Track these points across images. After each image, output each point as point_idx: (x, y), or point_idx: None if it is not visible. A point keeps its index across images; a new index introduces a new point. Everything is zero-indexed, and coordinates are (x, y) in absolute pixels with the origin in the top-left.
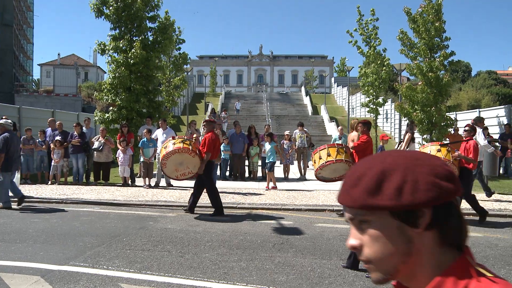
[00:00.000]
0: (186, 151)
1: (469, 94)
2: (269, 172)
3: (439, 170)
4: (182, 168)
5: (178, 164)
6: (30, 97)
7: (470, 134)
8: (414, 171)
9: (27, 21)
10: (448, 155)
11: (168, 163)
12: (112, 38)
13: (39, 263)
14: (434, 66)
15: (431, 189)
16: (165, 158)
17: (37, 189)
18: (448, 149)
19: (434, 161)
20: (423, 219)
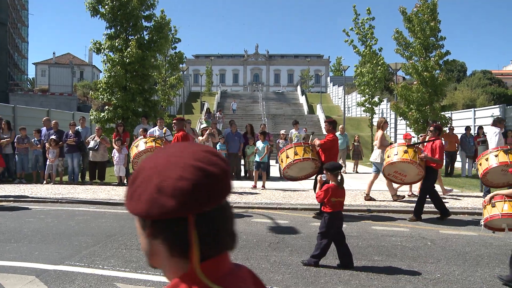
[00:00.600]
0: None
1: (464, 94)
2: (257, 170)
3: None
4: None
5: None
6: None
7: (435, 134)
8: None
9: (21, 19)
10: (415, 156)
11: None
12: (108, 37)
13: (34, 263)
14: (429, 66)
15: (147, 203)
16: (137, 157)
17: (32, 188)
18: (414, 149)
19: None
20: (147, 228)
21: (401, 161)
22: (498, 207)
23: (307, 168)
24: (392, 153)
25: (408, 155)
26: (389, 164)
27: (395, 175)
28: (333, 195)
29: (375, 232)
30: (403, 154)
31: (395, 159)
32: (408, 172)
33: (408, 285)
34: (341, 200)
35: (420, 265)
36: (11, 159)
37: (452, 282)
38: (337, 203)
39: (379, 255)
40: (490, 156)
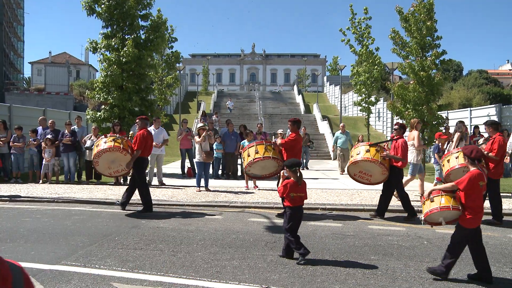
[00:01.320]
0: (117, 149)
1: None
2: None
3: None
4: (114, 166)
5: (111, 162)
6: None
7: (400, 133)
8: None
9: (17, 18)
10: (376, 155)
11: (100, 161)
12: (104, 36)
13: (30, 263)
14: (426, 65)
15: None
16: (97, 156)
17: (28, 188)
18: (377, 149)
19: None
20: None
21: (363, 160)
22: (436, 202)
23: (269, 167)
24: (355, 153)
25: (370, 154)
26: (352, 164)
27: (361, 175)
28: (292, 191)
29: (372, 231)
30: (365, 153)
31: (358, 158)
32: (373, 172)
33: (404, 284)
34: (301, 195)
35: (416, 264)
36: (7, 158)
37: (448, 281)
38: (296, 198)
39: (375, 254)
40: (451, 157)
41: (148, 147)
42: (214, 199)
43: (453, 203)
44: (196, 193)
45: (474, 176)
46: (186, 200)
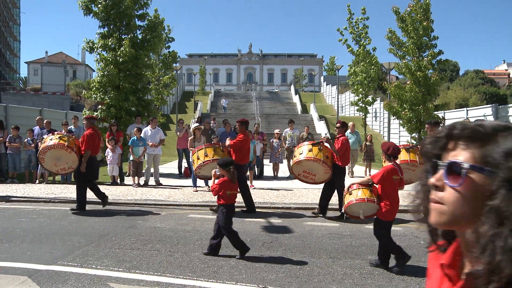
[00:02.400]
0: (61, 147)
1: (457, 93)
2: (250, 170)
3: None
4: (61, 163)
5: (56, 159)
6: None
7: (342, 131)
8: None
9: (13, 18)
10: (319, 154)
11: (46, 158)
12: (101, 36)
13: (27, 263)
14: (422, 65)
15: None
16: (42, 153)
17: (24, 188)
18: (319, 148)
19: None
20: None
21: (306, 160)
22: (354, 194)
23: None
24: (298, 153)
25: (312, 153)
26: (296, 163)
27: (305, 174)
28: (228, 188)
29: (369, 231)
30: (308, 152)
31: (301, 158)
32: (316, 171)
33: (401, 284)
34: (235, 193)
35: (413, 264)
36: (3, 158)
37: None
38: (232, 196)
39: (372, 254)
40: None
41: (96, 146)
42: (211, 199)
43: (368, 195)
44: (193, 193)
45: (388, 170)
46: (183, 200)
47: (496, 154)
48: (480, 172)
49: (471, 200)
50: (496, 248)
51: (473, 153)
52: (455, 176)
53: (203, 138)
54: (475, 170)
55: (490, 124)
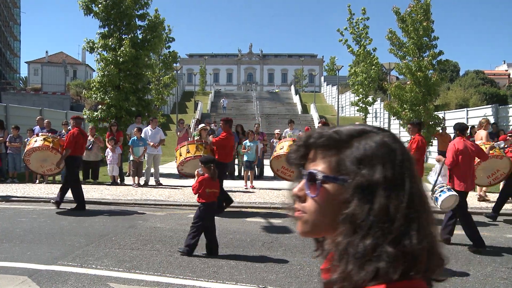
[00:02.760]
0: (46, 148)
1: (457, 94)
2: (251, 171)
3: None
4: (47, 165)
5: (42, 160)
6: (17, 95)
7: None
8: None
9: (13, 18)
10: None
11: (31, 159)
12: (101, 36)
13: (27, 263)
14: (423, 66)
15: None
16: (27, 155)
17: (24, 188)
18: None
19: None
20: None
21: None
22: None
23: None
24: (278, 148)
25: None
26: (275, 158)
27: (283, 170)
28: (208, 186)
29: None
30: (288, 148)
31: (281, 153)
32: None
33: None
34: (215, 191)
35: None
36: (4, 158)
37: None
38: (211, 194)
39: None
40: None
41: (80, 146)
42: None
43: None
44: (192, 194)
45: None
46: (183, 200)
47: (348, 162)
48: (334, 181)
49: (328, 210)
50: (349, 257)
51: (329, 162)
52: (314, 186)
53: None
54: (329, 180)
55: (346, 129)
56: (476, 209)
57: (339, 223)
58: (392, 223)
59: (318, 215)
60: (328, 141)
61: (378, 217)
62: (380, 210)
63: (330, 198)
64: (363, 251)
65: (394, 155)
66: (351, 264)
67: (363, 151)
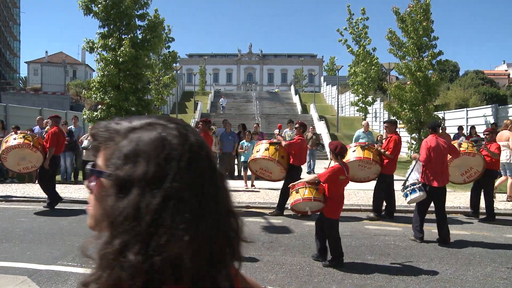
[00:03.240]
0: (27, 146)
1: (457, 94)
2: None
3: None
4: (24, 163)
5: (20, 158)
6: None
7: (300, 131)
8: None
9: (13, 17)
10: (275, 153)
11: (9, 157)
12: (101, 36)
13: (26, 263)
14: (423, 66)
15: None
16: (5, 152)
17: (24, 188)
18: (276, 147)
19: None
20: None
21: (262, 158)
22: (300, 193)
23: None
24: (255, 150)
25: (268, 152)
26: (252, 161)
27: (262, 171)
28: None
29: (368, 231)
30: (264, 151)
31: (258, 156)
32: (272, 169)
33: (401, 284)
34: None
35: (412, 264)
36: None
37: (445, 281)
38: None
39: (372, 254)
40: (349, 151)
41: (60, 145)
42: None
43: (315, 195)
44: None
45: (334, 170)
46: None
47: (116, 156)
48: (99, 176)
49: (99, 204)
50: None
51: (104, 154)
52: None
53: (214, 139)
54: (95, 174)
55: (130, 121)
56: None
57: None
58: (140, 225)
59: (96, 210)
60: (108, 133)
61: (126, 217)
62: (128, 209)
63: (100, 192)
64: (110, 254)
65: (167, 152)
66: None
67: (132, 145)
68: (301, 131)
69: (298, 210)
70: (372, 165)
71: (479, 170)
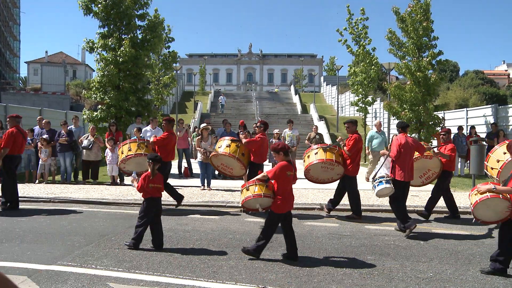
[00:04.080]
0: None
1: (457, 94)
2: None
3: None
4: None
5: None
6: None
7: (261, 130)
8: None
9: (13, 17)
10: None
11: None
12: (101, 36)
13: (26, 263)
14: (422, 66)
15: None
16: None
17: (24, 188)
18: (237, 145)
19: None
20: None
21: (223, 154)
22: (251, 190)
23: (142, 164)
24: (217, 146)
25: (229, 149)
26: (213, 156)
27: (223, 167)
28: (150, 182)
29: (368, 231)
30: (226, 147)
31: (219, 151)
32: (233, 166)
33: (401, 284)
34: (158, 186)
35: (412, 264)
36: None
37: (445, 281)
38: (154, 189)
39: (372, 254)
40: (311, 153)
41: (19, 145)
42: (211, 199)
43: (265, 191)
44: (192, 193)
45: (281, 167)
46: (183, 200)
47: None
48: None
49: None
50: None
51: None
52: None
53: (210, 138)
54: None
55: None
56: None
57: None
58: None
59: None
60: None
61: None
62: None
63: None
64: None
65: None
66: None
67: None
68: (262, 129)
69: (249, 207)
70: (335, 166)
71: (436, 172)
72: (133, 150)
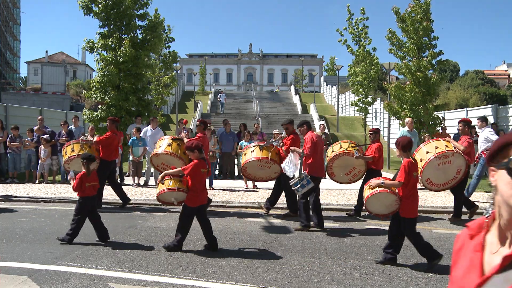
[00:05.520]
0: None
1: (457, 94)
2: None
3: None
4: None
5: None
6: (17, 95)
7: (200, 129)
8: None
9: (13, 17)
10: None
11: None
12: (101, 36)
13: (27, 263)
14: (422, 66)
15: None
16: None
17: (24, 188)
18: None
19: None
20: None
21: (164, 153)
22: (166, 184)
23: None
24: (158, 145)
25: (171, 147)
26: (154, 155)
27: (163, 166)
28: (86, 181)
29: (369, 231)
30: (167, 146)
31: (159, 151)
32: (174, 164)
33: (401, 284)
34: (94, 184)
35: (413, 264)
36: (3, 158)
37: (445, 281)
38: (90, 187)
39: (372, 254)
40: (248, 151)
41: (113, 149)
42: (212, 199)
43: (178, 186)
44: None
45: (197, 164)
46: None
47: None
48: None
49: None
50: None
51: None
52: None
53: (212, 138)
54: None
55: None
56: None
57: None
58: None
59: None
60: None
61: None
62: None
63: None
64: None
65: None
66: None
67: None
68: (202, 128)
69: (164, 200)
70: (271, 164)
71: (362, 169)
72: (76, 151)
